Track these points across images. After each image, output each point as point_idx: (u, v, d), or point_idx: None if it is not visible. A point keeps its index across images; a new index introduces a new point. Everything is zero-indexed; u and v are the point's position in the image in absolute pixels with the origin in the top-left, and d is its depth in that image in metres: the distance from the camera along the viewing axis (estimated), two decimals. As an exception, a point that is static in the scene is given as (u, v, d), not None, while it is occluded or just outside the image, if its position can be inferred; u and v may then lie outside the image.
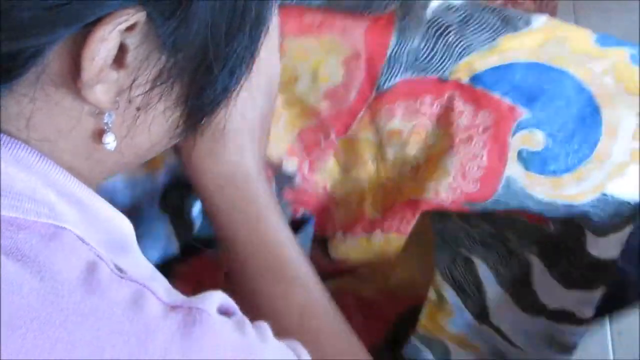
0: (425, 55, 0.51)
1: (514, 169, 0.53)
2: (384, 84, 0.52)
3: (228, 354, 0.35)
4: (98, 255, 0.35)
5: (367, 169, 0.55)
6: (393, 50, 0.51)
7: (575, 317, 0.60)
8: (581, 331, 0.61)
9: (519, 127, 0.52)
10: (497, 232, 0.61)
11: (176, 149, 0.53)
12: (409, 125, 0.53)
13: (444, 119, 0.53)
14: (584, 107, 0.52)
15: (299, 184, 0.58)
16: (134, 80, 0.36)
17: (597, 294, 0.59)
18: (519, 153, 0.52)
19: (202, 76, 0.39)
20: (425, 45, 0.51)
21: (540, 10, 0.71)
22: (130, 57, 0.35)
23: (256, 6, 0.38)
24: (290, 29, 0.54)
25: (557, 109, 0.52)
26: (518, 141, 0.52)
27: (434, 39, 0.52)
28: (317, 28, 0.54)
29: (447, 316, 0.66)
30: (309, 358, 0.42)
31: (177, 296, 0.36)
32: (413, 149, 0.54)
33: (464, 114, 0.52)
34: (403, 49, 0.51)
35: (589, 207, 0.54)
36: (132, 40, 0.35)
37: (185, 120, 0.41)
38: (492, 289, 0.63)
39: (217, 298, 0.38)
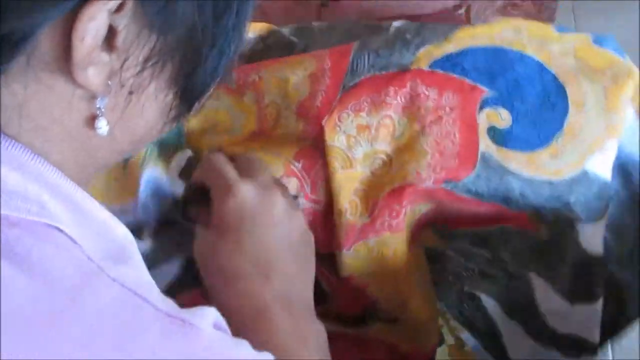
0: (385, 53, 0.53)
1: (486, 145, 0.52)
2: (348, 83, 0.53)
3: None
4: (89, 257, 0.34)
5: (337, 177, 0.54)
6: (355, 53, 0.53)
7: (586, 344, 0.57)
8: None
9: (484, 105, 0.52)
10: (494, 256, 0.59)
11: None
12: (376, 118, 0.53)
13: (410, 108, 0.53)
14: (548, 86, 0.53)
15: (304, 205, 0.57)
16: (124, 61, 0.36)
17: (598, 307, 0.56)
18: (488, 131, 0.52)
19: (192, 56, 0.39)
20: (385, 45, 0.53)
21: (539, 10, 0.73)
22: (120, 39, 0.35)
23: None
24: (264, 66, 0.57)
25: (520, 86, 0.52)
26: (485, 119, 0.52)
27: (393, 39, 0.54)
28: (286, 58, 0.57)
29: None
30: None
31: (172, 306, 0.36)
32: (382, 143, 0.54)
33: (429, 97, 0.52)
34: (365, 51, 0.53)
35: (571, 184, 0.52)
36: (121, 22, 0.35)
37: (178, 103, 0.41)
38: (502, 322, 0.61)
39: (211, 314, 0.37)
